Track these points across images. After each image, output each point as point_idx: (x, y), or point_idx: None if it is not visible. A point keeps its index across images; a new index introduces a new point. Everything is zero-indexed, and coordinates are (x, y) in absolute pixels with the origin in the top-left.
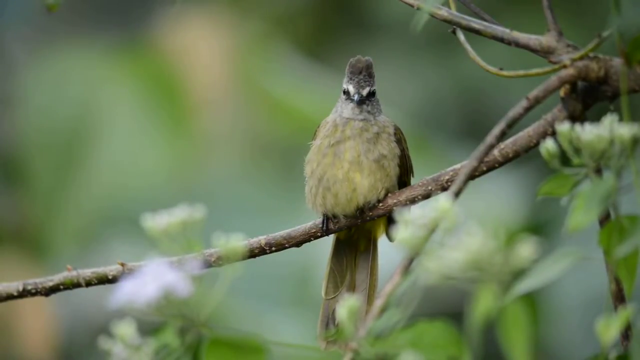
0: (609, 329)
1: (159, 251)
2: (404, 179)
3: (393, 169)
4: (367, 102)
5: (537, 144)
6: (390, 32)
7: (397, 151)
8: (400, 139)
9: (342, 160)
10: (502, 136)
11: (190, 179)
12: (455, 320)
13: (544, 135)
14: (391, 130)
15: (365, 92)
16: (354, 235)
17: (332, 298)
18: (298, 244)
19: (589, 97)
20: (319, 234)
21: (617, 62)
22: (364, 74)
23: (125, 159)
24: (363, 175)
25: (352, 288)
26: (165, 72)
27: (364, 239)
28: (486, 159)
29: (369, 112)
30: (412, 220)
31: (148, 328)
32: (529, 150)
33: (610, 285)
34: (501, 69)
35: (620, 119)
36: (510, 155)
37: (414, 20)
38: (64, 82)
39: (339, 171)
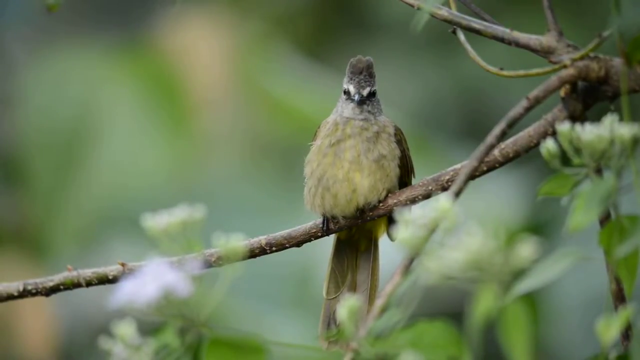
0: (609, 329)
1: (159, 251)
2: (404, 180)
3: (393, 170)
4: (367, 102)
5: (537, 144)
6: (390, 32)
7: (398, 152)
8: (400, 140)
9: (343, 160)
10: (503, 136)
11: (190, 179)
12: (455, 320)
13: (544, 135)
14: (391, 130)
15: (365, 92)
16: (355, 235)
17: (333, 298)
18: (298, 244)
19: (589, 97)
20: (319, 234)
21: (617, 62)
22: (365, 74)
23: (125, 159)
24: (363, 175)
25: (353, 288)
26: (165, 72)
27: (365, 238)
28: (486, 159)
29: (369, 112)
30: (412, 220)
31: (148, 328)
32: (530, 150)
33: (611, 285)
34: (501, 69)
35: (621, 119)
36: (511, 155)
37: (414, 20)
38: (64, 82)
39: (339, 171)
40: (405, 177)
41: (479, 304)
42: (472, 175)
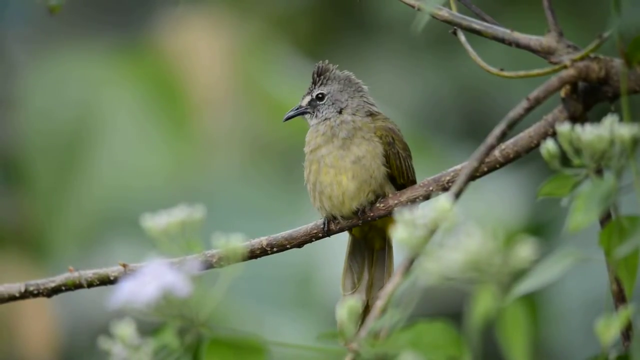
0: (609, 329)
1: (159, 251)
2: (399, 182)
3: (377, 169)
4: (310, 107)
5: (537, 145)
6: (390, 32)
7: (380, 150)
8: (392, 142)
9: (327, 166)
10: (503, 137)
11: (191, 180)
12: (455, 321)
13: (544, 135)
14: (366, 130)
15: (305, 101)
16: (369, 233)
17: (350, 294)
18: (299, 244)
19: (589, 98)
20: (320, 235)
21: (617, 62)
22: (311, 81)
23: (126, 160)
24: (348, 177)
25: (369, 285)
26: (166, 73)
27: (379, 237)
28: (487, 160)
29: (324, 116)
30: (412, 220)
31: (148, 328)
32: (530, 151)
33: (611, 285)
34: (502, 69)
35: (621, 120)
36: (511, 155)
37: (415, 21)
38: (65, 84)
39: (326, 176)
40: (399, 178)
41: (478, 304)
42: (473, 176)
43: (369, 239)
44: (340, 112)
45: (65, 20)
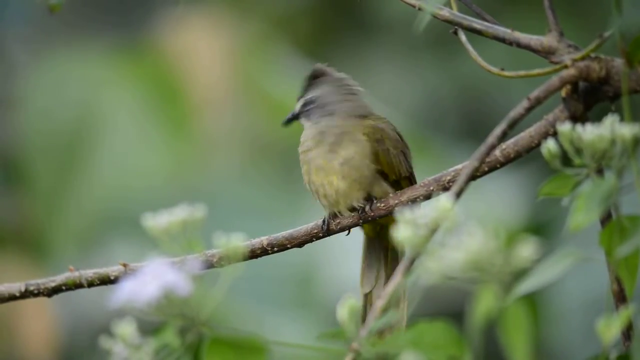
0: (610, 329)
1: (160, 251)
2: (392, 178)
3: (366, 168)
4: (303, 111)
5: (538, 145)
6: (390, 32)
7: (368, 149)
8: (381, 139)
9: (316, 168)
10: (504, 136)
11: (191, 180)
12: (456, 321)
13: (545, 135)
14: (354, 132)
15: (298, 105)
16: (381, 232)
17: (368, 293)
18: (300, 244)
19: (590, 98)
20: (320, 235)
21: (618, 62)
22: (304, 84)
23: (126, 160)
24: (338, 178)
25: (386, 283)
26: (166, 73)
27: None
28: (488, 159)
29: (316, 120)
30: (413, 219)
31: (148, 328)
32: (531, 151)
33: (612, 285)
34: (502, 69)
35: (622, 119)
36: (512, 155)
37: (416, 21)
38: (65, 84)
39: (317, 177)
40: (390, 175)
41: (479, 304)
42: (473, 176)
43: (382, 238)
44: (331, 115)
45: (65, 20)
